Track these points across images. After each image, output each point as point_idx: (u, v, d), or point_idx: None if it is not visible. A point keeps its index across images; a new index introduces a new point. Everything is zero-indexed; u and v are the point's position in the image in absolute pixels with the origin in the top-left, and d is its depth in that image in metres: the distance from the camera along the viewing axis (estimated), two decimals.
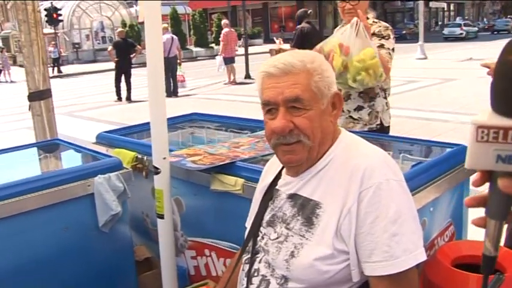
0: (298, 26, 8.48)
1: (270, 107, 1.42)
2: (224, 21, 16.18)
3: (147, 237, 2.92)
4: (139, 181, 2.64)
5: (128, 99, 13.50)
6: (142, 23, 2.03)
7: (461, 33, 38.48)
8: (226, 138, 3.25)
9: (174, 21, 27.05)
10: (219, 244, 2.41)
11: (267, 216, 1.53)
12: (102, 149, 2.89)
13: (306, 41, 8.21)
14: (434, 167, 2.08)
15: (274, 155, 1.74)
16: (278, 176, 1.59)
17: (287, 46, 6.56)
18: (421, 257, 1.31)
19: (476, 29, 42.99)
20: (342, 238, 1.33)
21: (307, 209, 1.41)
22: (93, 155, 2.66)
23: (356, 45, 2.88)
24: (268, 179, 1.63)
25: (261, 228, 1.53)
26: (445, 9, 63.66)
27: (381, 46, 3.05)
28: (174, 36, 13.92)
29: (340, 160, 1.43)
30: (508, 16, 56.65)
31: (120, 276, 2.49)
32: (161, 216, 2.20)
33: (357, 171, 1.35)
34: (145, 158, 2.68)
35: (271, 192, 1.57)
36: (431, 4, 52.59)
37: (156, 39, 2.02)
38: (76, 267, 2.30)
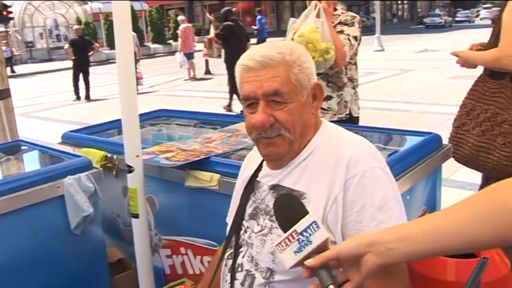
0: (225, 23, 9.24)
1: (249, 101, 1.39)
2: (181, 17, 15.99)
3: (118, 238, 2.84)
4: (109, 181, 2.56)
5: (87, 98, 13.20)
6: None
7: (440, 22, 43.92)
8: (196, 133, 3.20)
9: (131, 18, 26.57)
10: (195, 242, 2.37)
11: (249, 209, 1.50)
12: (68, 149, 2.79)
13: (231, 35, 9.06)
14: (410, 155, 2.09)
15: (254, 147, 1.71)
16: (259, 168, 1.56)
17: None
18: None
19: (451, 18, 47.96)
20: (328, 228, 1.30)
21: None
22: (60, 156, 2.57)
23: (305, 24, 2.92)
24: (248, 171, 1.60)
25: (244, 222, 1.50)
26: (399, 2, 64.76)
27: (341, 32, 3.07)
28: (133, 33, 13.63)
29: (323, 150, 1.41)
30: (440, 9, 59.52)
31: (93, 279, 2.42)
32: (136, 216, 2.13)
33: (342, 160, 1.33)
34: (115, 156, 2.61)
35: (252, 184, 1.54)
36: None
37: (126, 35, 1.96)
38: (48, 271, 2.22)
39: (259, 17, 18.01)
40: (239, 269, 1.44)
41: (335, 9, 3.30)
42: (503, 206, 0.87)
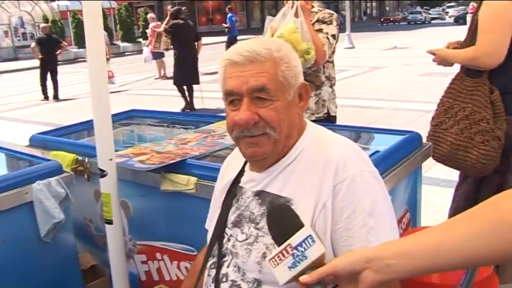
0: (174, 21, 9.62)
1: (233, 97, 1.32)
2: (150, 15, 15.78)
3: (91, 244, 2.74)
4: (80, 185, 2.46)
5: (55, 97, 12.89)
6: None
7: (421, 19, 48.59)
8: (169, 134, 3.11)
9: None
10: (171, 247, 2.29)
11: (231, 217, 1.43)
12: (37, 152, 2.68)
13: (180, 33, 9.48)
14: (392, 155, 2.06)
15: (234, 151, 1.64)
16: (241, 173, 1.48)
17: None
18: None
19: (430, 16, 52.03)
20: (317, 236, 1.25)
21: (277, 203, 1.32)
22: (28, 160, 2.45)
23: (283, 23, 2.88)
24: (229, 176, 1.52)
25: (226, 230, 1.43)
26: (368, 0, 65.40)
27: (319, 30, 3.03)
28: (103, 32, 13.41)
29: (309, 153, 1.35)
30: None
31: (65, 287, 2.31)
32: (109, 222, 2.04)
33: (330, 163, 1.28)
34: (86, 159, 2.51)
35: (234, 190, 1.46)
36: None
37: (97, 34, 1.87)
38: (17, 281, 2.11)
39: (229, 14, 17.90)
40: (224, 279, 1.37)
41: (312, 7, 3.26)
42: (504, 221, 0.84)
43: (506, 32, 2.39)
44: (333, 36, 3.07)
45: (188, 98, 9.54)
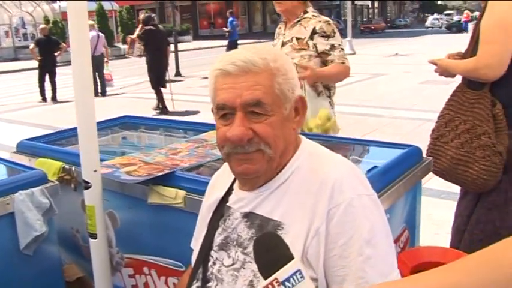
0: (146, 27, 10.04)
1: (224, 111, 1.21)
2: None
3: (77, 255, 2.65)
4: (68, 193, 2.38)
5: (54, 99, 12.81)
6: (67, 19, 1.78)
7: (438, 25, 50.34)
8: (161, 143, 3.03)
9: (101, 18, 26.12)
10: (159, 261, 2.20)
11: (217, 239, 1.33)
12: (23, 159, 2.59)
13: (151, 39, 9.95)
14: (390, 170, 1.97)
15: (223, 167, 1.55)
16: (229, 192, 1.39)
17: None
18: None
19: (446, 22, 52.15)
20: (309, 263, 1.15)
21: (266, 231, 1.22)
22: (12, 168, 2.36)
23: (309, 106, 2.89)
24: (217, 193, 1.43)
25: (212, 252, 1.33)
26: (370, 6, 65.49)
27: (332, 47, 2.98)
28: (101, 34, 13.40)
29: (303, 173, 1.25)
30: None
31: None
32: (93, 236, 1.95)
33: (325, 185, 1.18)
34: (73, 168, 2.42)
35: (221, 210, 1.37)
36: (357, 2, 53.99)
37: (82, 36, 1.78)
38: None
39: (230, 18, 17.86)
40: None
41: (306, 12, 3.18)
42: None
43: (509, 43, 2.30)
44: (340, 44, 3.06)
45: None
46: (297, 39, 3.11)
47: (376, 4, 66.95)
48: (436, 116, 2.65)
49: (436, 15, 56.06)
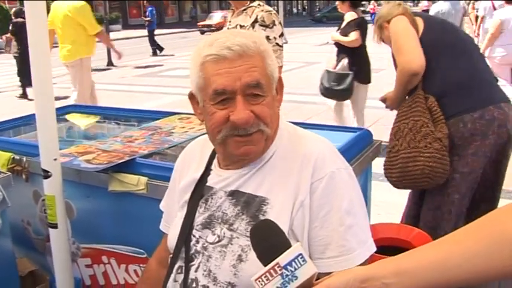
0: (16, 20, 10.45)
1: (224, 96, 1.22)
2: None
3: (29, 248, 2.58)
4: (17, 185, 2.29)
5: None
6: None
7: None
8: (112, 131, 2.98)
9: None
10: (119, 249, 2.18)
11: (199, 218, 1.34)
12: None
13: (21, 32, 9.37)
14: (346, 152, 2.02)
15: (188, 148, 1.56)
16: (206, 172, 1.41)
17: None
18: (373, 247, 1.25)
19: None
20: (294, 235, 1.20)
21: (252, 207, 1.26)
22: None
23: None
24: (190, 176, 1.43)
25: (194, 232, 1.35)
26: None
27: (267, 39, 3.00)
28: None
29: (285, 151, 1.30)
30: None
31: None
32: (54, 226, 1.91)
33: (307, 161, 1.24)
34: (24, 158, 2.34)
35: (200, 190, 1.38)
36: None
37: (40, 23, 1.73)
38: None
39: (150, 8, 17.83)
40: (193, 284, 1.29)
41: (252, 1, 3.22)
42: (508, 235, 0.81)
43: (413, 41, 2.58)
44: (281, 35, 3.07)
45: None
46: (241, 26, 3.15)
47: None
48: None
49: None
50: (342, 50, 5.41)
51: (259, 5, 3.19)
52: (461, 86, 2.53)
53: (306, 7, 64.70)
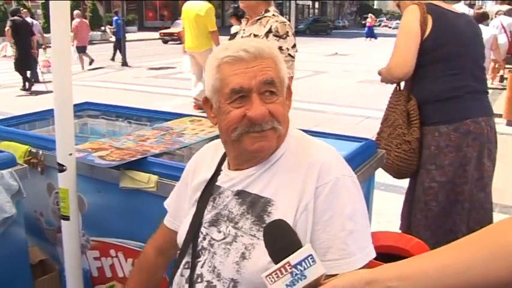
0: (11, 18, 11.50)
1: (240, 94, 1.26)
2: (76, 12, 15.69)
3: (40, 238, 2.60)
4: (32, 177, 2.32)
5: None
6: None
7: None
8: (126, 130, 3.01)
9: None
10: (127, 244, 2.20)
11: (207, 216, 1.37)
12: None
13: (17, 29, 11.25)
14: (351, 161, 2.04)
15: (202, 150, 1.58)
16: (217, 172, 1.43)
17: None
18: (373, 253, 1.26)
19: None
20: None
21: (257, 207, 1.28)
22: None
23: None
24: (202, 176, 1.46)
25: (202, 229, 1.37)
26: (310, 6, 66.37)
27: (279, 49, 3.03)
28: (35, 21, 13.43)
29: (292, 155, 1.33)
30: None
31: (14, 283, 2.17)
32: (66, 218, 1.93)
33: (313, 166, 1.26)
34: (40, 152, 2.37)
35: (210, 189, 1.41)
36: (298, 1, 54.57)
37: (63, 22, 1.76)
38: None
39: (115, 17, 18.15)
40: (199, 280, 1.31)
41: (267, 11, 3.23)
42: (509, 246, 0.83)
43: (410, 46, 2.57)
44: (293, 46, 3.10)
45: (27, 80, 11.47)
46: (254, 35, 3.17)
47: (316, 5, 67.93)
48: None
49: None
50: None
51: (273, 15, 3.21)
52: (443, 97, 2.57)
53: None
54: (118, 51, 17.23)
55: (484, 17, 8.74)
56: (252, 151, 1.31)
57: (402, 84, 2.77)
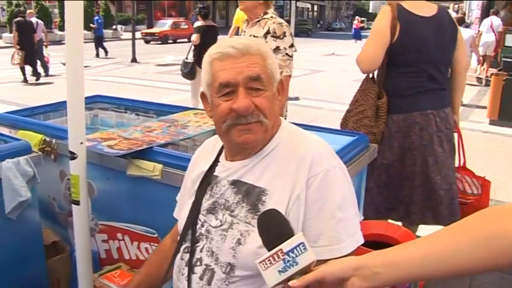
0: (15, 20, 12.11)
1: (228, 88, 1.27)
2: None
3: (53, 221, 2.62)
4: (46, 164, 2.34)
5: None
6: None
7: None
8: (133, 121, 3.02)
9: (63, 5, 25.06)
10: (133, 228, 2.22)
11: (205, 204, 1.39)
12: (4, 131, 2.53)
13: (20, 28, 11.86)
14: (344, 154, 2.06)
15: (204, 144, 1.60)
16: (215, 163, 1.45)
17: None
18: (361, 240, 1.28)
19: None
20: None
21: (252, 196, 1.29)
22: None
23: None
24: (201, 167, 1.48)
25: (200, 216, 1.39)
26: (309, 9, 66.14)
27: (277, 49, 3.02)
28: (39, 21, 13.34)
29: (285, 147, 1.33)
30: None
31: (28, 262, 2.20)
32: (77, 203, 1.95)
33: (305, 158, 1.27)
34: (54, 141, 2.39)
35: (208, 179, 1.43)
36: (298, 4, 54.38)
37: (76, 15, 1.76)
38: None
39: (96, 17, 18.42)
40: (198, 263, 1.33)
41: (266, 13, 3.23)
42: (500, 233, 0.83)
43: (378, 46, 2.75)
44: (290, 46, 3.09)
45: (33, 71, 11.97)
46: (254, 37, 3.17)
47: (315, 8, 67.70)
48: None
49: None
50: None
51: (271, 17, 3.20)
52: (401, 93, 2.80)
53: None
54: (97, 47, 17.90)
55: (460, 21, 9.05)
56: (239, 143, 1.32)
57: (375, 72, 2.93)
